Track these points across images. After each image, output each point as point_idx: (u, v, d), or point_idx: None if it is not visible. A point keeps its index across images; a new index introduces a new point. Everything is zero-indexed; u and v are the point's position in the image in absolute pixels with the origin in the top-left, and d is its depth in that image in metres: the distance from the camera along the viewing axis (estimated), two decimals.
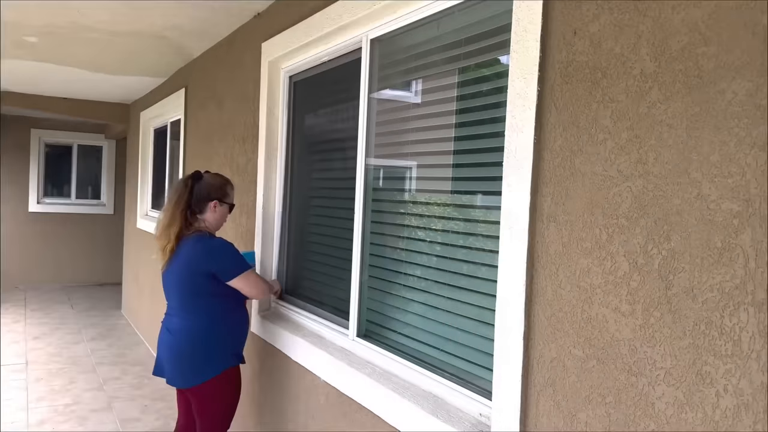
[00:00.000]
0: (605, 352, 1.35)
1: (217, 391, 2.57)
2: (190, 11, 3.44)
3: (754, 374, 1.07)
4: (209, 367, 2.53)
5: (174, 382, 2.59)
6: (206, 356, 2.53)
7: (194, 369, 2.53)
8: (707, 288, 1.15)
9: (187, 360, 2.54)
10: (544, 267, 1.51)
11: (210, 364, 2.53)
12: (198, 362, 2.53)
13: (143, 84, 6.00)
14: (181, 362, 2.55)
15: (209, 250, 2.52)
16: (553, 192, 1.49)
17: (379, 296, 2.39)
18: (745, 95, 1.10)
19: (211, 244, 2.54)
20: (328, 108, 2.88)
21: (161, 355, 2.63)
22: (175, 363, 2.56)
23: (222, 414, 2.61)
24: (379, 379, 2.15)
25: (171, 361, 2.57)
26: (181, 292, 2.56)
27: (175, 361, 2.56)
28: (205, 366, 2.53)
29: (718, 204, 1.14)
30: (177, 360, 2.56)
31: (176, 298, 2.59)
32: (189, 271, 2.51)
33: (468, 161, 1.95)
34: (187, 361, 2.54)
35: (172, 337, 2.57)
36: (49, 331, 6.49)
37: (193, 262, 2.50)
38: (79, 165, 9.63)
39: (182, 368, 2.55)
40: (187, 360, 2.54)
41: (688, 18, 1.20)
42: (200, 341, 2.53)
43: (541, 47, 1.51)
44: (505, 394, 1.58)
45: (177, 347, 2.55)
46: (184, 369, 2.55)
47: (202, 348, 2.53)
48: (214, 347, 2.55)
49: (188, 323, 2.54)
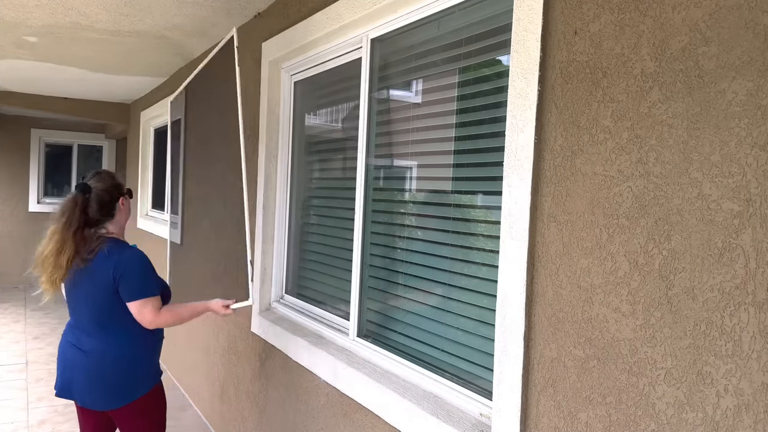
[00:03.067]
0: (606, 352, 1.35)
1: (147, 408, 2.43)
2: (190, 11, 3.44)
3: (755, 374, 1.07)
4: (139, 386, 2.38)
5: (96, 405, 2.37)
6: (134, 376, 2.37)
7: (121, 390, 2.36)
8: (708, 288, 1.15)
9: (111, 382, 2.35)
10: (544, 267, 1.51)
11: (139, 382, 2.38)
12: (125, 382, 2.36)
13: (143, 84, 6.00)
14: (103, 384, 2.35)
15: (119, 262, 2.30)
16: (553, 192, 1.49)
17: (379, 296, 2.39)
18: (746, 95, 1.10)
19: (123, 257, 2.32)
20: (328, 108, 2.88)
21: (71, 376, 2.38)
22: (96, 385, 2.35)
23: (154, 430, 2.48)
24: (380, 379, 2.15)
25: (89, 383, 2.35)
26: (92, 310, 2.35)
27: (96, 384, 2.35)
28: (133, 385, 2.37)
29: (719, 204, 1.14)
30: (98, 382, 2.35)
31: (87, 316, 2.37)
32: (102, 287, 2.30)
33: (468, 161, 1.95)
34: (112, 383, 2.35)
35: (87, 359, 2.34)
36: (49, 331, 6.49)
37: (106, 277, 2.29)
38: (79, 165, 9.63)
39: (107, 390, 2.35)
40: (111, 382, 2.35)
41: (688, 18, 1.20)
42: (126, 362, 2.36)
43: (541, 47, 1.51)
44: (506, 395, 1.58)
45: (97, 370, 2.34)
46: (109, 391, 2.35)
47: (130, 368, 2.37)
48: (141, 365, 2.40)
49: (107, 344, 2.34)
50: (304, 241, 3.11)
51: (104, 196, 2.39)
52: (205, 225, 3.44)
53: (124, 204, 2.46)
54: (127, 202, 2.49)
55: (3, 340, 6.05)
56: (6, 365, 5.26)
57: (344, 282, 2.66)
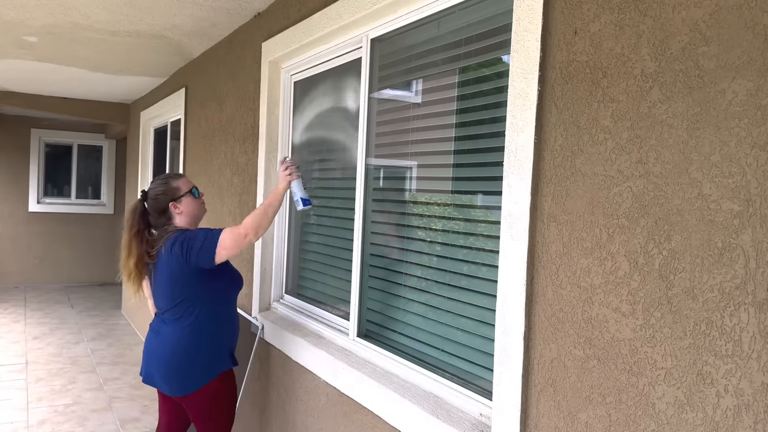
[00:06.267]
0: (606, 352, 1.35)
1: (213, 397, 2.50)
2: (190, 11, 3.44)
3: (755, 374, 1.07)
4: (204, 374, 2.47)
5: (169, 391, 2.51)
6: (198, 364, 2.46)
7: (186, 377, 2.46)
8: (708, 288, 1.15)
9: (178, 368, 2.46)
10: (544, 267, 1.51)
11: (204, 371, 2.47)
12: (190, 370, 2.46)
13: (143, 84, 6.00)
14: (171, 370, 2.47)
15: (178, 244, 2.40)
16: (553, 192, 1.49)
17: (379, 296, 2.39)
18: (746, 95, 1.10)
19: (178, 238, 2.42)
20: (328, 108, 2.88)
21: (149, 363, 2.55)
22: (166, 372, 2.48)
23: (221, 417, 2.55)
24: (380, 379, 2.15)
25: (160, 369, 2.49)
26: (166, 299, 2.49)
27: (166, 370, 2.48)
28: (198, 373, 2.46)
29: (719, 204, 1.14)
30: (167, 369, 2.48)
31: (163, 306, 2.52)
32: (170, 275, 2.44)
33: (468, 161, 1.95)
34: (178, 370, 2.46)
35: (160, 346, 2.50)
36: (49, 331, 6.49)
37: (171, 262, 2.41)
38: (79, 165, 9.64)
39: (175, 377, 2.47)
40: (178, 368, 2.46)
41: (688, 18, 1.20)
42: (191, 349, 2.46)
43: (541, 47, 1.51)
44: (506, 395, 1.58)
45: (167, 356, 2.47)
46: (177, 378, 2.47)
47: (195, 356, 2.46)
48: (205, 354, 2.48)
49: (176, 332, 2.46)
50: (304, 241, 3.11)
51: (154, 204, 2.51)
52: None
53: (177, 207, 2.51)
54: (182, 205, 2.52)
55: (3, 340, 6.05)
56: (6, 365, 5.26)
57: (344, 282, 2.66)
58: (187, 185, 2.57)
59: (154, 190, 2.53)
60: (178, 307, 2.47)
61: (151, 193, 2.54)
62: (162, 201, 2.51)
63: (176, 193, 2.53)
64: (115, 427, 4.05)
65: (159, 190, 2.52)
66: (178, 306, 2.46)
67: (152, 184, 2.58)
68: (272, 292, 3.29)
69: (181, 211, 2.52)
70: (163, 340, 2.49)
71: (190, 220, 2.56)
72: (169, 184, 2.54)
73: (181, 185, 2.55)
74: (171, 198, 2.52)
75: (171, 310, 2.48)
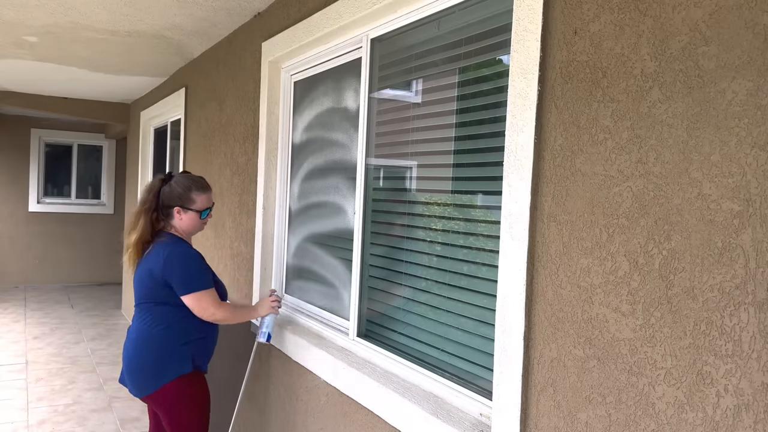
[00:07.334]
0: (605, 352, 1.35)
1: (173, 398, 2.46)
2: (190, 11, 3.44)
3: (755, 374, 1.07)
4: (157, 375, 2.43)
5: (131, 390, 2.51)
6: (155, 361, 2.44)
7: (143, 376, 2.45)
8: (708, 288, 1.15)
9: (137, 367, 2.46)
10: (544, 267, 1.51)
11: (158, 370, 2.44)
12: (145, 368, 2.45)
13: (143, 84, 6.00)
14: (132, 369, 2.47)
15: (166, 258, 2.41)
16: (553, 192, 1.49)
17: (379, 296, 2.39)
18: (746, 95, 1.10)
19: (170, 253, 2.42)
20: (328, 107, 2.88)
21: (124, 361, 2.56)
22: (128, 370, 2.49)
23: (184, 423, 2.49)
24: (380, 379, 2.15)
25: (126, 368, 2.50)
26: (139, 294, 2.49)
27: (127, 368, 2.49)
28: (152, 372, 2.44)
29: (719, 204, 1.14)
30: (128, 366, 2.49)
31: (137, 300, 2.52)
32: (150, 277, 2.44)
33: (468, 161, 1.95)
34: (137, 368, 2.46)
35: (127, 341, 2.52)
36: (49, 331, 6.49)
37: (154, 269, 2.42)
38: (79, 165, 9.64)
39: (134, 375, 2.47)
40: (137, 367, 2.46)
41: (688, 18, 1.20)
42: (150, 346, 2.45)
43: (541, 47, 1.51)
44: (506, 394, 1.58)
45: (130, 353, 2.48)
46: (137, 376, 2.47)
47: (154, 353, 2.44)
48: (164, 353, 2.44)
49: (145, 329, 2.46)
50: (304, 241, 3.11)
51: (168, 194, 2.53)
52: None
53: (180, 214, 2.53)
54: (185, 216, 2.54)
55: (3, 340, 6.05)
56: (6, 365, 5.26)
57: (344, 282, 2.66)
58: (204, 204, 2.58)
59: (177, 184, 2.54)
60: (146, 305, 2.48)
61: (173, 182, 2.55)
62: (173, 199, 2.53)
63: (188, 204, 2.55)
64: (115, 427, 4.05)
65: (178, 190, 2.53)
66: (147, 304, 2.48)
67: (181, 175, 2.59)
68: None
69: (181, 218, 2.54)
70: (130, 337, 2.53)
71: (184, 230, 2.58)
72: (190, 191, 2.54)
73: (198, 201, 2.56)
74: (181, 204, 2.53)
75: (140, 305, 2.50)
